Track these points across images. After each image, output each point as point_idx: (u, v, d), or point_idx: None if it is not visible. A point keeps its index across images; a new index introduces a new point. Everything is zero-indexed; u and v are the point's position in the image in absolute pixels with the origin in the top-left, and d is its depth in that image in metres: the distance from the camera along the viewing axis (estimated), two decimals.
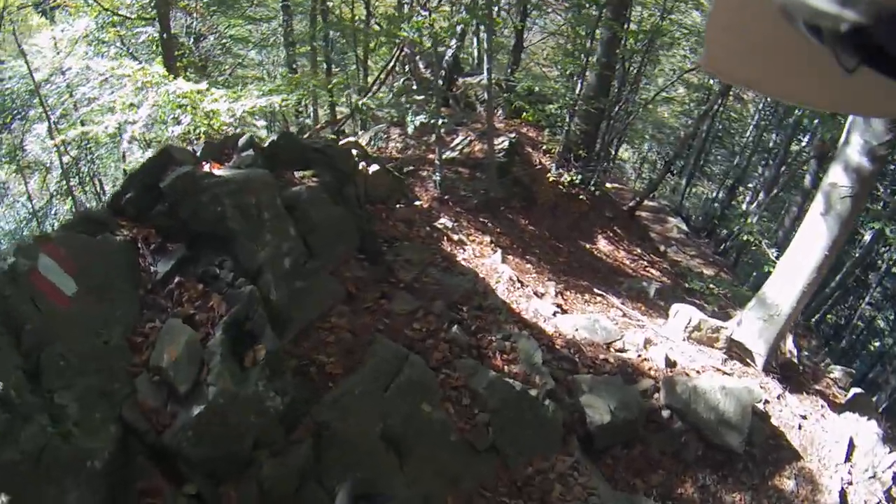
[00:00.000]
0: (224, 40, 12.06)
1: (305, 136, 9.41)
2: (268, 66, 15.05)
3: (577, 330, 5.45)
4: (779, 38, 0.41)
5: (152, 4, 7.55)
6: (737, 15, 0.45)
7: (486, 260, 6.14)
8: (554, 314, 5.62)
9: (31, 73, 8.59)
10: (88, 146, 10.21)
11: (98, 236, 3.67)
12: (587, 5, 8.38)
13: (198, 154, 4.44)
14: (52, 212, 10.67)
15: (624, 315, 6.32)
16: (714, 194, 16.76)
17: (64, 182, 10.34)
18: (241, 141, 4.66)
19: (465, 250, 6.11)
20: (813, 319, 12.46)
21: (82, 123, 8.11)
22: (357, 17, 12.80)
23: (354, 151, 6.09)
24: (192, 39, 10.47)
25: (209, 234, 3.89)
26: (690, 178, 16.09)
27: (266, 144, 4.88)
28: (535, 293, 5.97)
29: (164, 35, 7.15)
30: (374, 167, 6.18)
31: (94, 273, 3.43)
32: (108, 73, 6.80)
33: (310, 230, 4.46)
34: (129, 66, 5.86)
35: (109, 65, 6.20)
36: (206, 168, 4.13)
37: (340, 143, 6.45)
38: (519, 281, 5.94)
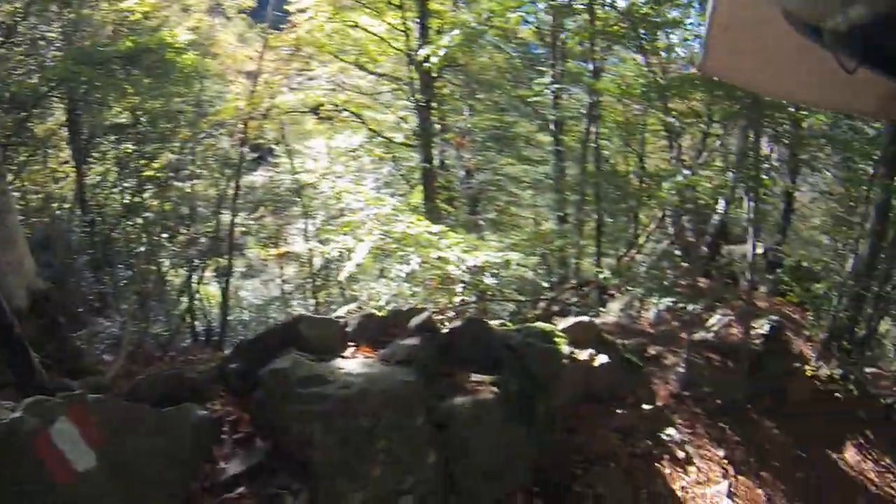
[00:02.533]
0: (498, 177, 12.18)
1: (554, 294, 8.17)
2: (542, 208, 14.74)
3: None
4: (779, 38, 0.37)
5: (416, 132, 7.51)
6: (737, 15, 0.47)
7: (708, 489, 4.87)
8: None
9: (295, 173, 9.48)
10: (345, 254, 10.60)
11: (177, 406, 2.68)
12: (858, 162, 7.61)
13: (347, 329, 3.23)
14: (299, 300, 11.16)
15: None
16: None
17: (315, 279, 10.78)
18: (414, 321, 3.45)
19: (687, 474, 4.90)
20: None
21: (343, 232, 8.33)
22: (629, 168, 11.91)
23: (564, 340, 4.40)
24: (465, 174, 10.59)
25: (294, 451, 2.66)
26: None
27: (445, 331, 3.62)
28: None
29: (426, 164, 6.89)
30: (604, 358, 4.51)
31: (135, 449, 2.47)
32: (355, 192, 6.61)
33: (461, 458, 3.16)
34: (364, 192, 5.70)
35: (347, 186, 6.19)
36: (347, 353, 3.03)
37: (570, 323, 4.85)
38: None
